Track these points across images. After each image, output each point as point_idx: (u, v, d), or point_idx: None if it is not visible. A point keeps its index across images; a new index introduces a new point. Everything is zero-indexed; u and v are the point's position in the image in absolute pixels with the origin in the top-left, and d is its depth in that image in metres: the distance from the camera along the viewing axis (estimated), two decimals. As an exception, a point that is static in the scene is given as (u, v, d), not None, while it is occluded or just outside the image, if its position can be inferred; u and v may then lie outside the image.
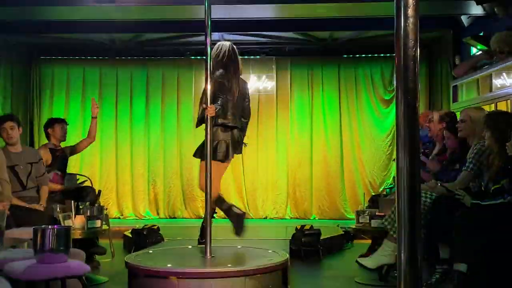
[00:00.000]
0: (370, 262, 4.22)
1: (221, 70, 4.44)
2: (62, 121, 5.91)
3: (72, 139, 8.23)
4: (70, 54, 8.67)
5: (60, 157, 5.79)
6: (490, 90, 6.22)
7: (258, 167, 8.53)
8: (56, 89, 8.69)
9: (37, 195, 5.07)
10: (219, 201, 4.66)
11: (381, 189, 8.08)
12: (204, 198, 3.79)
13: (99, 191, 5.74)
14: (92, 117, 5.95)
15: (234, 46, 4.63)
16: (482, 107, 5.31)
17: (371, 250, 4.75)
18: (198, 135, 7.93)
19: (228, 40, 8.08)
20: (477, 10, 6.33)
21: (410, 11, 1.31)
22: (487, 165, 3.87)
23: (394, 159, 5.68)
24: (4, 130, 4.99)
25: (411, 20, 1.31)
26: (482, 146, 4.04)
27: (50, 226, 2.78)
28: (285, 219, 8.36)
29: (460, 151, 4.59)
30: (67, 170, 5.95)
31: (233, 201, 8.31)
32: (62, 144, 5.92)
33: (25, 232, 3.58)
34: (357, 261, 4.29)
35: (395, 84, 1.37)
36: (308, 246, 5.51)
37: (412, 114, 1.33)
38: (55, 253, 2.68)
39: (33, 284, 2.65)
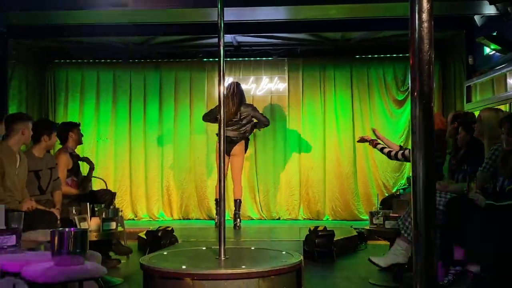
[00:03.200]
0: (382, 260, 4.23)
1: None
2: (78, 125, 5.91)
3: (86, 142, 8.35)
4: (84, 58, 8.75)
5: (77, 163, 5.84)
6: (505, 90, 6.18)
7: (270, 168, 8.53)
8: (70, 92, 8.76)
9: (52, 199, 5.13)
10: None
11: (394, 190, 8.03)
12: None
13: (114, 193, 5.78)
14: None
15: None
16: (498, 107, 5.28)
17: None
18: (210, 136, 8.00)
19: (240, 42, 8.21)
20: (490, 10, 6.28)
21: (424, 16, 1.31)
22: (502, 165, 3.85)
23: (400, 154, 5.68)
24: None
25: (425, 24, 1.31)
26: (498, 147, 4.03)
27: (67, 229, 2.81)
28: (298, 220, 8.35)
29: (468, 151, 4.58)
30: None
31: (246, 202, 8.37)
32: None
33: (42, 235, 3.62)
34: (369, 259, 4.30)
35: (410, 88, 1.37)
36: (322, 248, 5.51)
37: (427, 117, 1.34)
38: (72, 255, 2.71)
39: (50, 286, 2.68)
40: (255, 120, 7.05)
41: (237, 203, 6.92)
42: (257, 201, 8.51)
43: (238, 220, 6.80)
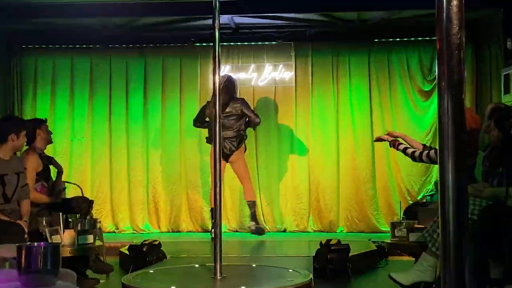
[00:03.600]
0: (404, 277, 4.22)
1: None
2: (46, 121, 5.94)
3: (59, 141, 8.35)
4: (56, 42, 8.74)
5: (48, 166, 5.84)
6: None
7: (275, 171, 8.52)
8: (40, 82, 8.76)
9: (19, 208, 5.13)
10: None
11: (420, 197, 8.03)
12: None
13: (91, 201, 5.78)
14: None
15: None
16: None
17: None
18: (204, 135, 8.00)
19: (239, 24, 8.21)
20: (532, -16, 6.28)
21: (454, -8, 1.31)
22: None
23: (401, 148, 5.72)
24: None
25: (454, 2, 1.31)
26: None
27: (36, 243, 2.81)
28: (308, 232, 8.35)
29: (503, 151, 4.57)
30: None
31: (245, 212, 8.36)
32: None
33: (7, 250, 3.62)
34: (390, 276, 4.30)
35: (437, 77, 1.37)
36: (335, 265, 5.50)
37: (457, 111, 1.34)
38: (42, 274, 2.70)
39: (17, 310, 2.68)
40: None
41: (251, 205, 7.27)
42: (258, 210, 8.49)
43: (253, 223, 7.10)
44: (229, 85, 7.26)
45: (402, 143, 5.77)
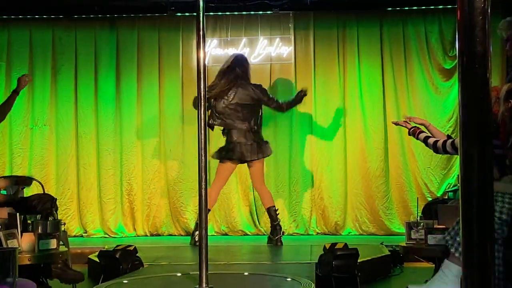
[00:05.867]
0: None
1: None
2: None
3: (16, 130, 8.33)
4: (12, 12, 8.68)
5: None
6: None
7: (271, 164, 8.52)
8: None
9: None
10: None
11: (440, 193, 8.05)
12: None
13: (55, 200, 5.77)
14: (13, 92, 6.24)
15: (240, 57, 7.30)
16: None
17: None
18: (188, 120, 7.97)
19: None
20: None
21: None
22: None
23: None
24: None
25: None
26: None
27: (-12, 249, 2.80)
28: (310, 235, 8.39)
29: None
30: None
31: (238, 212, 8.37)
32: None
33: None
34: None
35: (457, 50, 1.36)
36: (342, 272, 5.51)
37: (481, 90, 1.33)
38: (-4, 285, 2.71)
39: (-34, 327, 2.68)
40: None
41: (271, 211, 7.19)
42: (252, 210, 8.52)
43: (278, 233, 7.08)
44: (236, 66, 7.07)
45: (423, 132, 5.75)
